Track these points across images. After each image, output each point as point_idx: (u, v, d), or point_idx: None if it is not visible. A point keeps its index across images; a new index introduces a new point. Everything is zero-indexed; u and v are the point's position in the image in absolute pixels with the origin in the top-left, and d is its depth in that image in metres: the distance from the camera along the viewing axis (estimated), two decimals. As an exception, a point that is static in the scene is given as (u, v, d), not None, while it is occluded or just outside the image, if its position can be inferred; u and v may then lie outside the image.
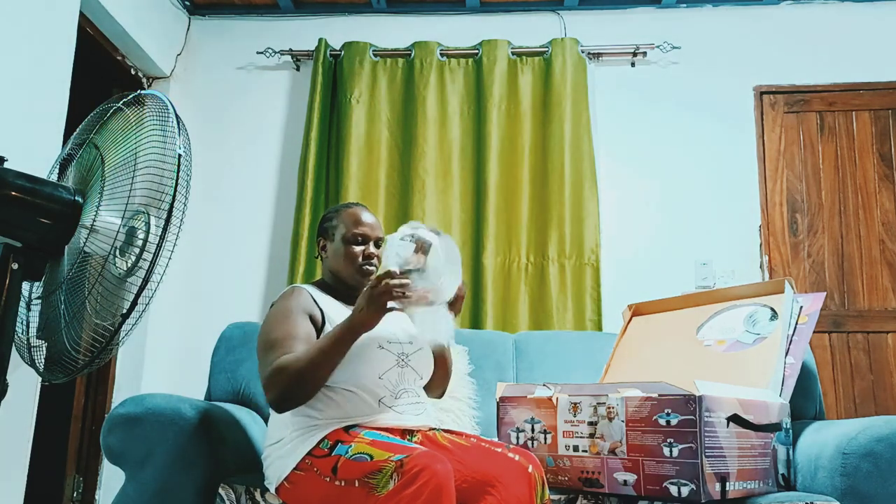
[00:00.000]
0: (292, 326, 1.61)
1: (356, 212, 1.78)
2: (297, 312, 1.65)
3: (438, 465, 1.36)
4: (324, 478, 1.48)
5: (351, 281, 1.76)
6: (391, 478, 1.37)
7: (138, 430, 1.69)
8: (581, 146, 3.01)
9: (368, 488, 1.40)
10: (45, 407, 2.45)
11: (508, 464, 1.55)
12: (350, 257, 1.74)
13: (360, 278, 1.74)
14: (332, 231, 1.79)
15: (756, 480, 1.66)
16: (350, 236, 1.75)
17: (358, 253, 1.74)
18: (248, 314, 3.04)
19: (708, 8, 3.24)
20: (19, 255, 1.57)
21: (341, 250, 1.75)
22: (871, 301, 2.93)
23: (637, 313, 2.34)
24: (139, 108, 1.69)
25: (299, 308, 1.66)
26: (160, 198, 1.55)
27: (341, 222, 1.77)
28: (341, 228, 1.76)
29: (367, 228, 1.76)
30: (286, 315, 1.64)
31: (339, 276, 1.78)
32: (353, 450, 1.47)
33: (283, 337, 1.58)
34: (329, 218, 1.82)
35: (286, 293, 1.73)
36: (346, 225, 1.76)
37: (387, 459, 1.40)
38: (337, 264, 1.77)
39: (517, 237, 2.96)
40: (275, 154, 3.22)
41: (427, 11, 3.30)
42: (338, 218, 1.79)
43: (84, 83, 2.77)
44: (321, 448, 1.52)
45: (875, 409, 2.82)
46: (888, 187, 3.01)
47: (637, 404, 1.62)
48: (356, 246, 1.74)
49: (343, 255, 1.75)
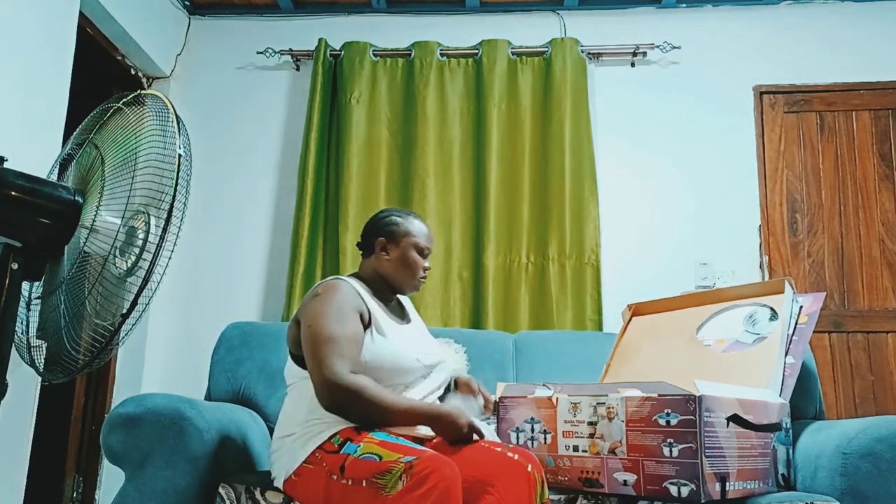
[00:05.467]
0: (349, 325, 1.62)
1: (423, 226, 1.84)
2: (351, 311, 1.66)
3: (447, 468, 1.37)
4: (331, 475, 1.48)
5: (404, 289, 1.82)
6: (400, 479, 1.37)
7: (138, 430, 1.68)
8: (581, 146, 3.01)
9: (376, 488, 1.40)
10: (45, 407, 2.45)
11: (508, 463, 1.55)
12: (414, 267, 1.79)
13: (413, 289, 1.82)
14: (399, 237, 1.80)
15: (756, 480, 1.66)
16: (418, 248, 1.80)
17: (420, 265, 1.80)
18: (248, 314, 3.04)
19: (708, 8, 3.24)
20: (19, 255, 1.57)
21: (406, 259, 1.79)
22: (871, 301, 2.93)
23: (637, 313, 2.34)
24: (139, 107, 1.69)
25: (352, 307, 1.67)
26: (160, 198, 1.55)
27: (411, 231, 1.80)
28: (411, 238, 1.80)
29: (430, 243, 1.84)
30: (343, 312, 1.64)
31: (390, 279, 1.80)
32: (362, 449, 1.48)
33: (341, 335, 1.59)
34: (395, 223, 1.82)
35: (334, 285, 1.71)
36: (417, 236, 1.80)
37: (396, 460, 1.40)
38: (395, 269, 1.79)
39: (517, 237, 2.96)
40: (275, 154, 3.22)
41: (427, 11, 3.30)
42: (406, 225, 1.81)
43: (84, 83, 2.77)
44: (332, 443, 1.53)
45: (875, 409, 2.82)
46: (888, 187, 3.01)
47: (637, 404, 1.62)
48: (420, 258, 1.80)
49: (407, 263, 1.79)
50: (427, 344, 1.83)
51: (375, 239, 1.82)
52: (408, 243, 1.79)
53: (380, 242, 1.81)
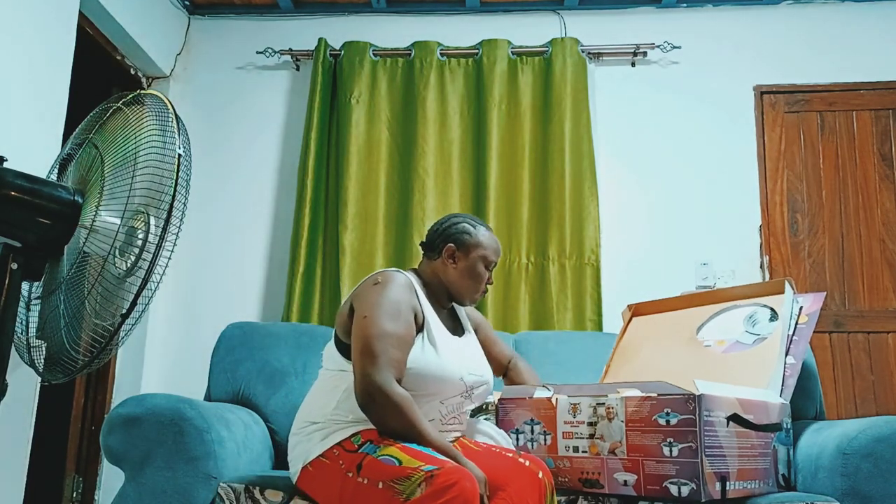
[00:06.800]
0: (403, 326, 1.59)
1: (494, 239, 1.81)
2: (407, 310, 1.63)
3: (468, 482, 1.37)
4: (346, 473, 1.48)
5: (463, 299, 1.79)
6: (419, 486, 1.36)
7: (138, 430, 1.68)
8: (581, 146, 3.00)
9: (393, 492, 1.39)
10: (45, 407, 2.45)
11: (519, 469, 1.55)
12: (478, 280, 1.76)
13: (473, 300, 1.79)
14: (470, 246, 1.76)
15: (756, 480, 1.65)
16: (487, 261, 1.77)
17: (485, 278, 1.77)
18: (248, 314, 3.04)
19: (708, 8, 3.24)
20: (19, 255, 1.58)
21: (473, 270, 1.75)
22: (872, 301, 2.93)
23: (637, 313, 2.34)
24: (139, 107, 1.69)
25: (409, 306, 1.64)
26: (160, 198, 1.55)
27: (482, 243, 1.77)
28: (481, 250, 1.76)
29: (498, 258, 1.81)
30: (399, 309, 1.61)
31: (452, 288, 1.77)
32: (382, 451, 1.46)
33: (394, 334, 1.56)
34: (468, 231, 1.78)
35: (395, 278, 1.67)
36: (488, 249, 1.77)
37: (417, 468, 1.39)
38: (460, 279, 1.76)
39: (517, 237, 2.96)
40: (275, 154, 3.22)
41: (427, 11, 3.30)
42: (479, 235, 1.77)
43: (84, 83, 2.77)
44: (352, 442, 1.52)
45: (876, 409, 2.82)
46: (888, 187, 3.01)
47: (637, 404, 1.62)
48: (486, 272, 1.78)
49: (473, 274, 1.75)
50: (475, 361, 1.77)
51: (445, 244, 1.77)
52: (477, 255, 1.75)
53: (448, 249, 1.76)
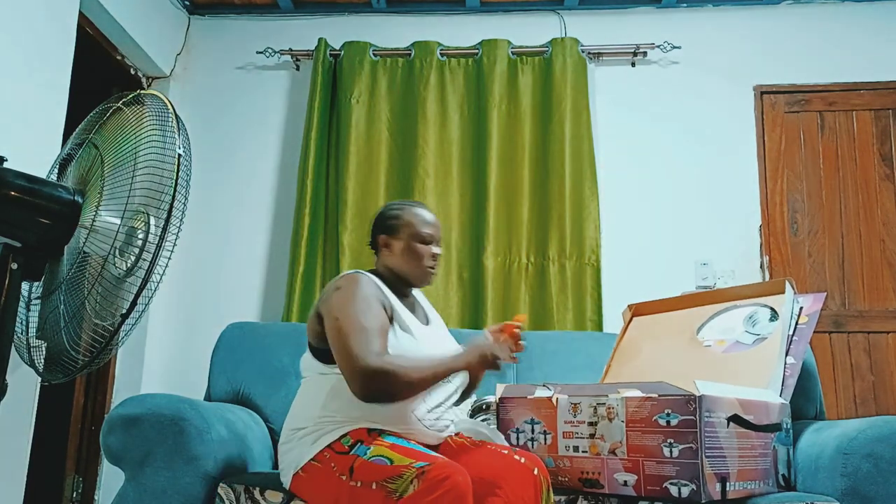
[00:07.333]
0: (374, 315, 1.59)
1: (423, 211, 1.79)
2: (376, 302, 1.63)
3: (460, 476, 1.37)
4: (339, 476, 1.48)
5: (414, 280, 1.77)
6: (411, 483, 1.37)
7: (138, 431, 1.68)
8: (581, 146, 3.00)
9: (386, 492, 1.40)
10: (45, 407, 2.44)
11: (514, 466, 1.55)
12: (418, 257, 1.74)
13: (424, 278, 1.77)
14: (398, 228, 1.76)
15: (756, 481, 1.65)
16: (419, 236, 1.75)
17: (425, 253, 1.75)
18: (248, 314, 3.04)
19: (708, 8, 3.24)
20: (19, 255, 1.57)
21: (409, 249, 1.74)
22: (872, 301, 2.93)
23: (637, 313, 2.34)
24: (139, 107, 1.69)
25: (376, 297, 1.64)
26: (160, 198, 1.55)
27: (409, 221, 1.76)
28: (409, 227, 1.75)
29: (433, 229, 1.78)
30: (368, 303, 1.61)
31: (401, 273, 1.77)
32: (373, 452, 1.47)
33: (370, 326, 1.55)
34: (394, 215, 1.79)
35: (356, 278, 1.67)
36: (416, 224, 1.76)
37: (408, 465, 1.40)
38: (401, 262, 1.75)
39: (517, 237, 2.95)
40: (275, 154, 3.22)
41: (427, 11, 3.30)
42: (405, 216, 1.77)
43: (84, 83, 2.77)
44: (342, 444, 1.52)
45: (876, 409, 2.82)
46: (889, 187, 3.01)
47: (637, 404, 1.62)
48: (424, 246, 1.75)
49: (411, 253, 1.74)
50: (448, 347, 1.78)
51: (378, 236, 1.80)
52: (407, 234, 1.75)
53: (381, 239, 1.78)
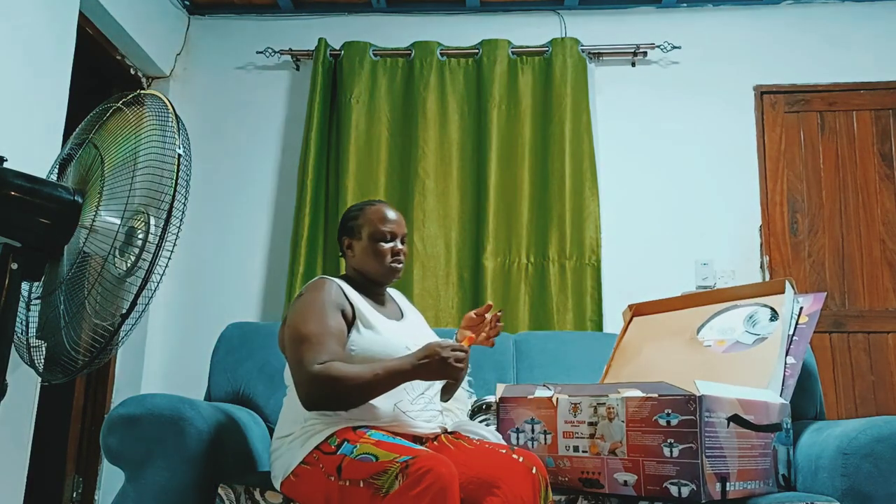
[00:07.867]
0: (326, 322, 1.60)
1: (382, 209, 1.78)
2: (329, 306, 1.63)
3: (444, 467, 1.37)
4: (328, 476, 1.48)
5: (379, 278, 1.77)
6: (396, 478, 1.37)
7: (138, 431, 1.68)
8: (581, 146, 3.00)
9: (373, 489, 1.40)
10: (45, 407, 2.44)
11: (512, 465, 1.55)
12: (379, 255, 1.74)
13: (389, 275, 1.76)
14: (357, 229, 1.77)
15: (756, 481, 1.65)
16: (378, 234, 1.75)
17: (387, 250, 1.75)
18: (248, 314, 3.04)
19: (708, 8, 3.24)
20: (19, 255, 1.57)
21: (370, 248, 1.75)
22: (872, 301, 2.93)
23: (637, 313, 2.34)
24: (139, 107, 1.69)
25: (331, 302, 1.65)
26: (160, 198, 1.55)
27: (367, 220, 1.76)
28: (368, 226, 1.76)
29: (394, 225, 1.76)
30: (320, 308, 1.62)
31: (367, 274, 1.77)
32: (359, 450, 1.47)
33: (318, 332, 1.56)
34: (353, 216, 1.80)
35: (316, 284, 1.70)
36: (374, 222, 1.76)
37: (392, 460, 1.40)
38: (365, 262, 1.76)
39: (517, 237, 2.95)
40: (275, 154, 3.22)
41: (427, 11, 3.30)
42: (363, 216, 1.78)
43: (84, 83, 2.77)
44: (329, 444, 1.53)
45: (876, 409, 2.82)
46: (889, 187, 3.01)
47: (637, 405, 1.62)
48: (385, 243, 1.75)
49: (372, 252, 1.74)
50: (422, 336, 1.77)
51: (342, 239, 1.81)
52: (366, 234, 1.75)
53: (344, 242, 1.80)
